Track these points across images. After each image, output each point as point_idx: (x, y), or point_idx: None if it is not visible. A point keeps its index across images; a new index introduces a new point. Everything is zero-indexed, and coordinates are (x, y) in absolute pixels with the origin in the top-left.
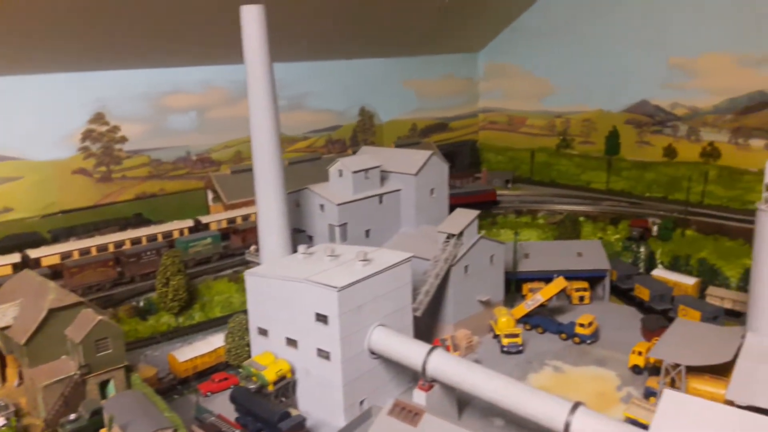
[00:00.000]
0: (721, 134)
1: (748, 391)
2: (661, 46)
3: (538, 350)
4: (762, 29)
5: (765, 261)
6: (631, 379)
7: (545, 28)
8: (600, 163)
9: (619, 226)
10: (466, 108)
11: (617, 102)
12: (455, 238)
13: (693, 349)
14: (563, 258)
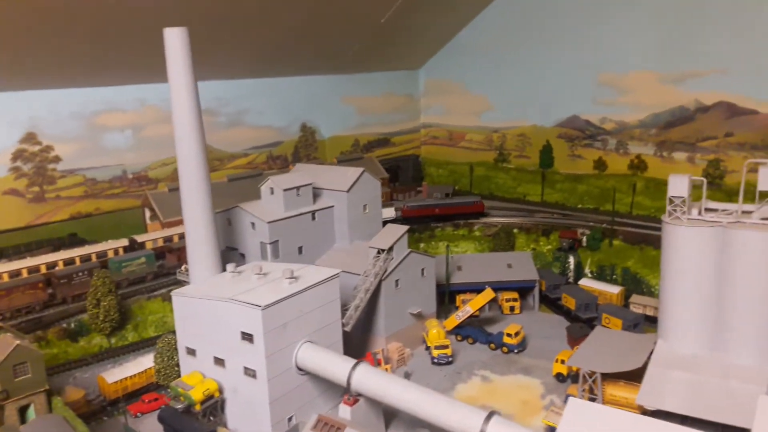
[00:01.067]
0: (647, 147)
1: (657, 396)
2: (591, 64)
3: (467, 360)
4: (681, 49)
5: (670, 272)
6: (555, 387)
7: (480, 46)
8: (535, 176)
9: (550, 237)
10: (408, 123)
11: (550, 117)
12: (385, 253)
13: (608, 356)
14: (494, 269)
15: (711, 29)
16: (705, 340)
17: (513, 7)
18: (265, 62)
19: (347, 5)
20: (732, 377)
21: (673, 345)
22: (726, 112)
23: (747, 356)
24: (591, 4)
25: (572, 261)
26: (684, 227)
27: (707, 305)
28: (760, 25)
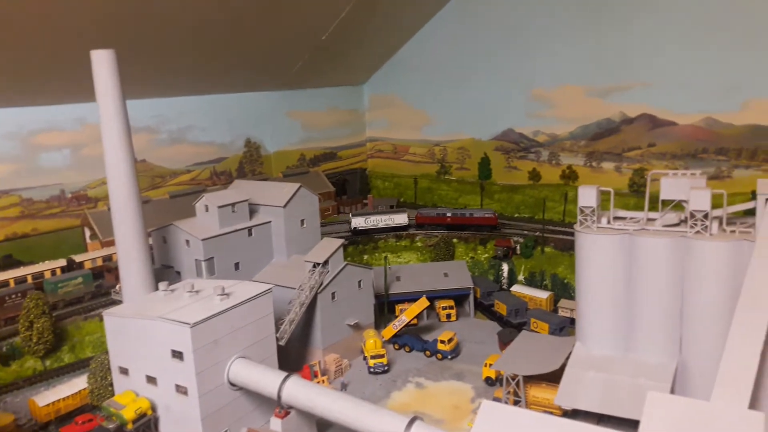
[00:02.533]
0: (578, 158)
1: (572, 396)
2: (523, 80)
3: (403, 368)
4: (605, 65)
5: (584, 278)
6: (485, 390)
7: (420, 63)
8: (474, 187)
9: (487, 245)
10: (354, 137)
11: (487, 131)
12: (321, 266)
13: (530, 359)
14: (431, 279)
15: (633, 46)
16: (617, 341)
17: (449, 25)
18: (207, 80)
19: (288, 23)
20: (641, 375)
21: (589, 347)
22: (648, 124)
23: (654, 355)
24: (521, 23)
25: (505, 268)
26: (594, 235)
27: (618, 308)
28: (678, 43)
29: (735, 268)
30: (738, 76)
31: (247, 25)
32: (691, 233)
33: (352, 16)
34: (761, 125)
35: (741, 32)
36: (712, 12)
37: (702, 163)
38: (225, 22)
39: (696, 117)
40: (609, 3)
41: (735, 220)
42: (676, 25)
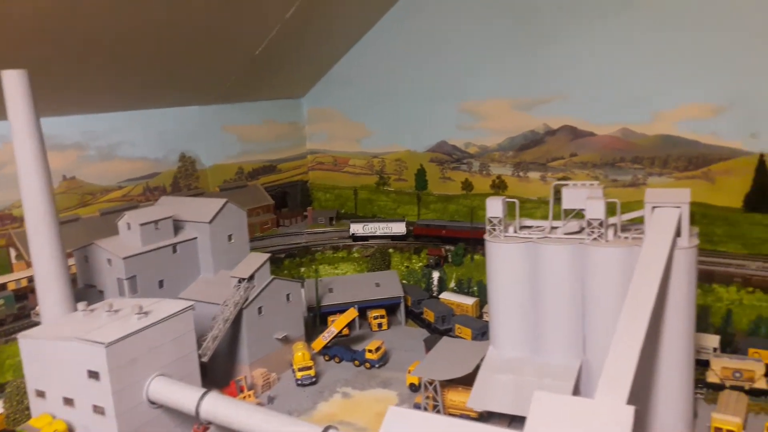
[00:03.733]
0: (506, 168)
1: (484, 398)
2: (454, 93)
3: (331, 379)
4: (529, 78)
5: (494, 284)
6: (409, 397)
7: (357, 77)
8: (412, 197)
9: (421, 254)
10: (294, 150)
11: (422, 143)
12: (246, 281)
13: (447, 365)
14: (363, 289)
15: (553, 61)
16: (527, 344)
17: (382, 40)
18: (137, 95)
19: (221, 38)
20: (546, 376)
21: (501, 350)
22: (570, 135)
23: (560, 356)
24: (451, 39)
25: (435, 276)
26: (500, 244)
27: (526, 312)
28: (593, 57)
29: (628, 272)
30: (647, 88)
31: (177, 39)
32: (588, 240)
33: (285, 31)
34: (671, 135)
35: (648, 47)
36: (621, 28)
37: (620, 172)
38: (153, 36)
39: (612, 128)
40: (531, 21)
41: (630, 227)
42: (590, 41)
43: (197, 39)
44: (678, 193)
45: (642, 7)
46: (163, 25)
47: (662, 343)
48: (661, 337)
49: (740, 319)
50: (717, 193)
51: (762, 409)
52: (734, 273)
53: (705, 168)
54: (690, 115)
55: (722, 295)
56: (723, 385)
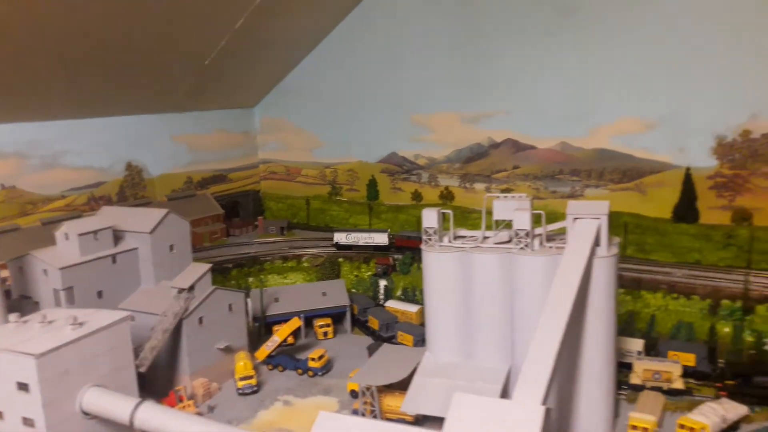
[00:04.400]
0: (453, 180)
1: (417, 402)
2: (404, 106)
3: (273, 388)
4: (475, 93)
5: (430, 292)
6: (350, 403)
7: (309, 87)
8: (364, 207)
9: (370, 263)
10: (246, 160)
11: (373, 154)
12: (186, 291)
13: (384, 371)
14: (309, 298)
15: (497, 76)
16: (460, 349)
17: (334, 52)
18: (83, 103)
19: (169, 47)
20: (477, 380)
21: (437, 355)
22: (512, 148)
23: (491, 360)
24: (401, 52)
25: (382, 285)
26: (435, 253)
27: (459, 319)
28: (533, 73)
29: (552, 279)
30: (585, 104)
31: (125, 48)
32: (516, 249)
33: (236, 41)
34: (606, 149)
35: (586, 66)
36: (560, 47)
37: (559, 183)
38: (100, 44)
39: (552, 141)
40: (477, 38)
41: (556, 237)
42: (532, 59)
43: (145, 48)
44: (597, 205)
45: (579, 27)
46: (110, 33)
47: (584, 347)
48: (583, 341)
49: (664, 324)
50: (648, 204)
51: (677, 407)
52: (661, 280)
53: (638, 180)
54: (624, 131)
55: (650, 301)
56: (644, 386)
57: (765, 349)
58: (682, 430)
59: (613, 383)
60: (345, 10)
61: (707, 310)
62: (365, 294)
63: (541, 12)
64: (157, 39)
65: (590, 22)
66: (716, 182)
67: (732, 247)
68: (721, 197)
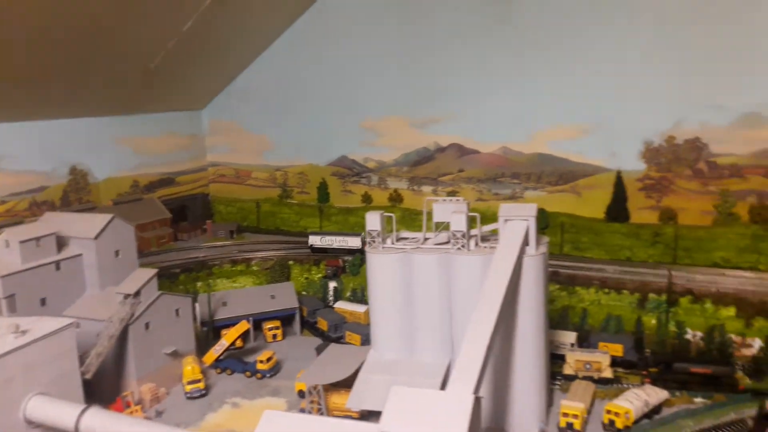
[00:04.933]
0: (402, 182)
1: (361, 399)
2: (354, 110)
3: (222, 391)
4: (422, 99)
5: (373, 292)
6: (297, 403)
7: (259, 90)
8: (314, 210)
9: (320, 266)
10: (194, 163)
11: (323, 157)
12: (132, 297)
13: (330, 369)
14: (258, 302)
15: (443, 83)
16: (402, 345)
17: (284, 56)
18: (24, 106)
19: (114, 49)
20: (419, 374)
21: (381, 353)
22: (457, 152)
23: (432, 356)
24: (350, 57)
25: (331, 286)
26: (378, 254)
27: (401, 317)
28: (475, 80)
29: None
30: (524, 111)
31: (68, 49)
32: (453, 250)
33: (183, 43)
34: (543, 153)
35: (525, 73)
36: (501, 55)
37: (501, 186)
38: (42, 45)
39: (494, 146)
40: (424, 44)
41: (491, 237)
42: (476, 66)
43: (89, 49)
44: (526, 207)
45: (518, 37)
46: (53, 34)
47: (516, 340)
48: (515, 334)
49: (596, 317)
50: (583, 205)
51: (606, 395)
52: (594, 276)
53: (573, 183)
54: (560, 136)
55: (583, 296)
56: (576, 376)
57: (686, 339)
58: (609, 414)
59: (546, 374)
60: (295, 14)
61: (636, 303)
62: (315, 296)
63: (483, 22)
64: (102, 41)
65: (528, 32)
66: (645, 184)
67: (659, 244)
68: (649, 198)
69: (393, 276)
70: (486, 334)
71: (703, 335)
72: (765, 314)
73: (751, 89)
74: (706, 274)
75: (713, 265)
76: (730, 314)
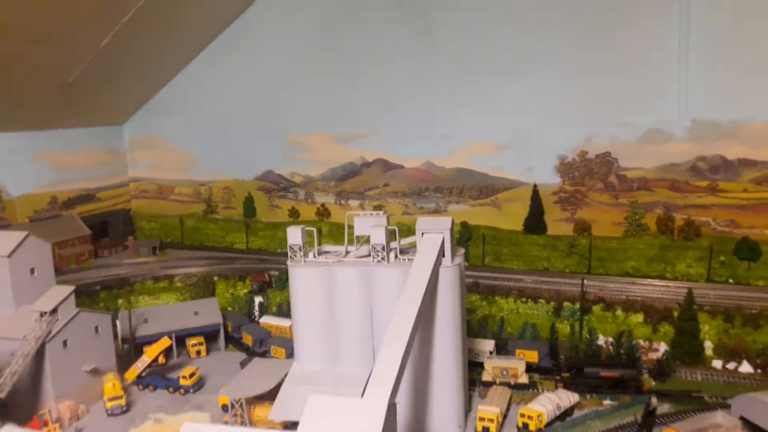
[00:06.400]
0: (329, 197)
1: (284, 410)
2: (280, 125)
3: (144, 407)
4: (346, 115)
5: (296, 305)
6: (221, 417)
7: (182, 105)
8: (240, 225)
9: (246, 281)
10: (114, 178)
11: (249, 172)
12: (48, 315)
13: (253, 383)
14: (181, 318)
15: (369, 100)
16: (324, 357)
17: (207, 71)
18: None
19: (30, 64)
20: (341, 384)
21: (304, 365)
22: (383, 167)
23: (354, 366)
24: (274, 73)
25: (257, 301)
26: (301, 268)
27: (323, 329)
28: (402, 99)
29: None
30: (446, 127)
31: None
32: (373, 263)
33: (102, 58)
34: (465, 168)
35: (446, 92)
36: (424, 74)
37: (425, 200)
38: None
39: (418, 161)
40: (348, 61)
41: (410, 250)
42: (399, 84)
43: (5, 63)
44: (441, 221)
45: (437, 55)
46: None
47: (435, 348)
48: (433, 343)
49: (515, 325)
50: (503, 217)
51: (522, 399)
52: (513, 286)
53: (493, 196)
54: (479, 151)
55: (503, 306)
56: (494, 382)
57: (597, 344)
58: (523, 418)
59: (464, 380)
60: (218, 28)
61: (552, 311)
62: (240, 311)
63: (405, 40)
64: (19, 55)
65: (447, 51)
66: (560, 197)
67: (575, 255)
68: (564, 211)
69: (315, 289)
70: (402, 343)
71: (613, 341)
72: (670, 320)
73: (655, 107)
74: (618, 282)
75: (624, 275)
76: (638, 320)
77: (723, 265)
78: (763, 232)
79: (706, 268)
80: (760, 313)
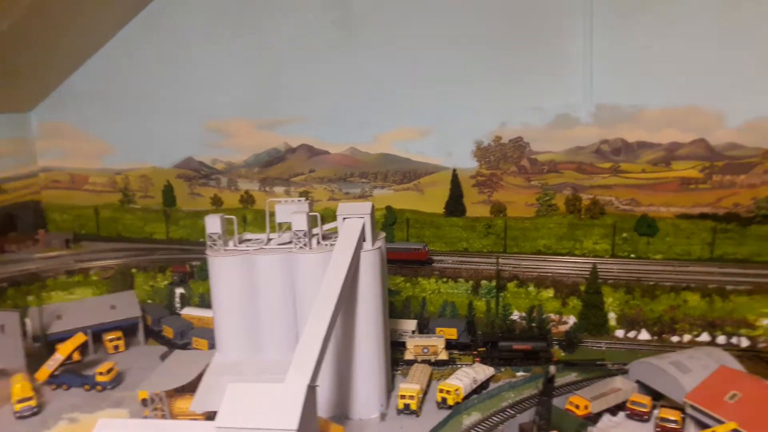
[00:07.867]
0: (253, 184)
1: (206, 401)
2: (197, 111)
3: (58, 407)
4: (268, 101)
5: (216, 295)
6: (141, 412)
7: (94, 91)
8: (159, 215)
9: (167, 272)
10: (21, 168)
11: (168, 159)
12: None
13: (173, 376)
14: (96, 313)
15: (292, 86)
16: (248, 346)
17: (119, 56)
18: None
19: None
20: (264, 372)
21: (226, 355)
22: (308, 153)
23: (278, 353)
24: (188, 58)
25: (178, 293)
26: (220, 257)
27: (245, 317)
28: (326, 85)
29: None
30: (369, 113)
31: None
32: (296, 249)
33: (3, 43)
34: (389, 153)
35: (368, 77)
36: (346, 60)
37: (351, 185)
38: None
39: (343, 147)
40: (265, 48)
41: (332, 236)
42: (323, 69)
43: None
44: (362, 206)
45: (358, 43)
46: None
47: (357, 330)
48: (356, 325)
49: (436, 304)
50: (426, 201)
51: (443, 375)
52: (435, 267)
53: (416, 181)
54: (402, 137)
55: (425, 286)
56: (416, 360)
57: (511, 319)
58: (442, 393)
59: (386, 361)
60: (131, 13)
61: (470, 290)
62: (161, 303)
63: (326, 26)
64: None
65: (367, 37)
66: (477, 181)
67: (491, 235)
68: (482, 193)
69: (235, 278)
70: (322, 327)
71: (525, 315)
72: (578, 294)
73: (563, 93)
74: (530, 260)
75: (537, 252)
76: (549, 295)
77: (625, 241)
78: (660, 210)
79: (610, 245)
80: (657, 285)
